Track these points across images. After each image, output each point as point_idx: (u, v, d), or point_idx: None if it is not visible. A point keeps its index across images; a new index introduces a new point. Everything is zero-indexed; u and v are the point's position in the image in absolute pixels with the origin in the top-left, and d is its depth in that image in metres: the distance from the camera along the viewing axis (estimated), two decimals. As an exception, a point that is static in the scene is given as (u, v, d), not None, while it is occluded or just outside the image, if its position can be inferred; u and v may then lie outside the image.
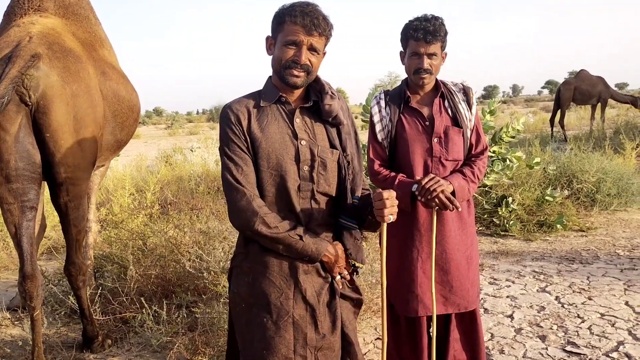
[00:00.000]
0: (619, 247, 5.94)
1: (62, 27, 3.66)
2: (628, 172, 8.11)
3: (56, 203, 3.33)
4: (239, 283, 2.02)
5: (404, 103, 2.76)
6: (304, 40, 1.92)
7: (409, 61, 2.68)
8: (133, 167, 10.27)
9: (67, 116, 3.14)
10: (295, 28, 1.91)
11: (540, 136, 14.55)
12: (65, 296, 4.21)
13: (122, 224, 5.28)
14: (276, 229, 1.89)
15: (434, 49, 2.61)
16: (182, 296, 4.09)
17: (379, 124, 2.78)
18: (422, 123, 2.72)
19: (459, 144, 2.72)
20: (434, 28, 2.57)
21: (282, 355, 1.90)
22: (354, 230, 2.04)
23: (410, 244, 2.72)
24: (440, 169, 2.70)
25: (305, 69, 1.94)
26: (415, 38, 2.59)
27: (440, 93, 2.75)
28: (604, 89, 16.85)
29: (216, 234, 4.35)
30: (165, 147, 16.98)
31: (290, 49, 1.93)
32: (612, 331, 3.85)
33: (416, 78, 2.67)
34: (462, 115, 2.72)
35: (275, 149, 1.95)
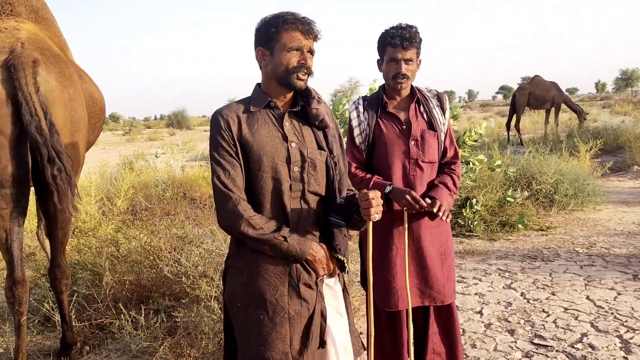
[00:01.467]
0: (578, 245, 6.21)
1: (41, 32, 3.66)
2: (583, 174, 8.48)
3: (44, 206, 3.34)
4: (234, 283, 2.08)
5: (382, 108, 2.89)
6: (305, 44, 2.02)
7: (386, 67, 2.81)
8: (96, 174, 10.10)
9: (65, 119, 3.20)
10: (295, 34, 2.01)
11: (498, 140, 14.98)
12: (40, 304, 4.16)
13: (93, 231, 5.23)
14: (261, 230, 1.96)
15: (411, 55, 2.75)
16: (159, 301, 4.10)
17: (357, 128, 2.90)
18: (400, 127, 2.85)
19: (434, 147, 2.87)
20: (410, 35, 2.72)
21: (279, 350, 1.97)
22: (343, 228, 2.13)
23: (389, 241, 2.85)
24: (417, 170, 2.84)
25: (310, 72, 2.06)
26: (393, 45, 2.73)
27: (416, 99, 2.89)
28: (557, 94, 17.49)
29: (192, 239, 4.37)
30: (125, 153, 16.73)
31: (294, 54, 2.02)
32: (575, 324, 4.06)
33: (394, 83, 2.80)
34: (436, 120, 2.87)
35: (267, 152, 2.03)
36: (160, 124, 67.00)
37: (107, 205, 6.43)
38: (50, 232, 3.48)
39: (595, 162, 10.69)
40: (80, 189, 8.15)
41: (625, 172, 11.48)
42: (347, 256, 2.13)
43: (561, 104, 17.68)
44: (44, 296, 4.37)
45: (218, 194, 2.01)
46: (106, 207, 6.38)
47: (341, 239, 2.10)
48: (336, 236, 2.10)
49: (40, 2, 3.92)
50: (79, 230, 5.98)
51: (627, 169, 11.65)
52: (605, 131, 14.71)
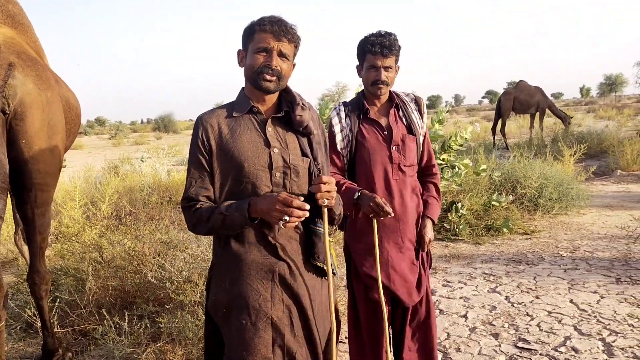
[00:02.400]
0: (562, 249, 6.26)
1: (18, 37, 3.63)
2: (567, 178, 8.56)
3: (22, 210, 3.31)
4: (217, 290, 2.07)
5: (363, 114, 2.93)
6: (274, 46, 2.01)
7: (366, 74, 2.85)
8: (80, 179, 10.02)
9: (42, 122, 3.19)
10: (265, 35, 2.01)
11: (484, 144, 15.08)
12: (21, 310, 4.11)
13: (77, 236, 5.19)
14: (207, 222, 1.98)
15: (390, 62, 2.80)
16: (143, 307, 4.07)
17: (339, 134, 2.93)
18: (381, 133, 2.90)
19: (414, 150, 2.94)
20: (390, 43, 2.76)
21: (262, 355, 1.96)
22: (322, 235, 2.12)
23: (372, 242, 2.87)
24: (399, 174, 2.89)
25: (276, 73, 2.03)
26: (373, 52, 2.77)
27: (395, 104, 2.94)
28: (542, 99, 17.67)
29: (177, 244, 4.35)
30: (111, 157, 16.62)
31: (261, 55, 2.02)
32: (559, 327, 4.08)
33: (374, 89, 2.84)
34: (415, 124, 2.94)
35: (248, 157, 2.02)
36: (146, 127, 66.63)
37: (92, 210, 6.37)
38: (29, 237, 3.45)
39: (579, 166, 10.79)
40: (64, 193, 8.13)
41: (608, 176, 11.61)
42: (327, 261, 2.11)
43: (546, 109, 17.86)
44: (25, 302, 4.32)
45: (182, 204, 2.09)
46: (90, 212, 6.32)
47: (320, 247, 2.09)
48: (315, 244, 2.09)
49: (17, 7, 3.91)
50: (62, 236, 5.92)
51: (610, 173, 11.79)
52: (589, 136, 14.88)
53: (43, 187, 3.30)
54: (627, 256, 5.80)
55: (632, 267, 5.43)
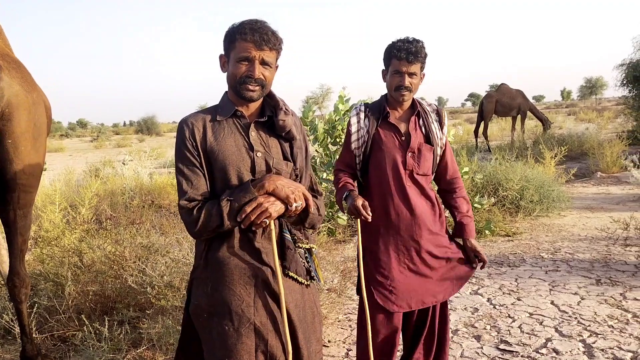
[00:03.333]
0: (543, 251, 6.32)
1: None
2: (548, 180, 8.64)
3: (4, 212, 3.30)
4: (199, 294, 2.05)
5: (383, 117, 2.96)
6: (256, 55, 1.99)
7: (390, 78, 2.88)
8: (61, 182, 9.90)
9: (29, 123, 3.21)
10: (246, 45, 1.99)
11: (466, 147, 15.19)
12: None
13: (56, 240, 5.11)
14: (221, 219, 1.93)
15: (415, 69, 2.83)
16: (124, 312, 4.02)
17: (355, 133, 2.98)
18: (399, 138, 2.93)
19: (429, 160, 2.96)
20: (416, 49, 2.79)
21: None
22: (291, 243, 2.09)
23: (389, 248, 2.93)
24: (411, 181, 2.93)
25: (259, 83, 2.02)
26: (398, 57, 2.80)
27: (417, 112, 2.97)
28: (523, 102, 17.86)
29: (158, 248, 4.30)
30: (93, 160, 16.46)
31: (243, 64, 2.01)
32: (540, 329, 4.11)
33: (397, 94, 2.87)
34: (434, 134, 2.96)
35: (232, 161, 2.01)
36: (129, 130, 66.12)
37: (72, 214, 6.29)
38: (9, 239, 3.41)
39: (560, 168, 10.92)
40: (44, 197, 8.01)
41: (589, 178, 11.75)
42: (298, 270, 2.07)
43: (527, 112, 18.06)
44: (3, 307, 4.25)
45: (180, 207, 2.01)
46: (70, 216, 6.24)
47: (291, 257, 2.07)
48: (286, 255, 2.06)
49: None
50: (41, 240, 5.83)
51: (590, 175, 11.93)
52: (570, 138, 15.08)
53: (27, 188, 3.29)
54: (607, 257, 5.87)
55: (612, 268, 5.50)
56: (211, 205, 1.95)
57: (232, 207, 1.93)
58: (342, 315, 4.54)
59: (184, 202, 1.99)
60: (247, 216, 1.91)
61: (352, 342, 3.98)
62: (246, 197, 1.93)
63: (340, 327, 4.31)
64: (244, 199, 1.93)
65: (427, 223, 2.93)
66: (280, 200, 1.96)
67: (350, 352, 3.85)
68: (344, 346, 3.97)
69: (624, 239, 6.54)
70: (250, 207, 1.91)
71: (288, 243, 2.07)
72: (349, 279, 4.66)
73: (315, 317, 2.16)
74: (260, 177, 2.00)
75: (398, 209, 2.89)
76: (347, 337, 4.11)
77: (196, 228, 1.97)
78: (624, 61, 17.12)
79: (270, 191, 1.95)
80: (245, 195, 1.93)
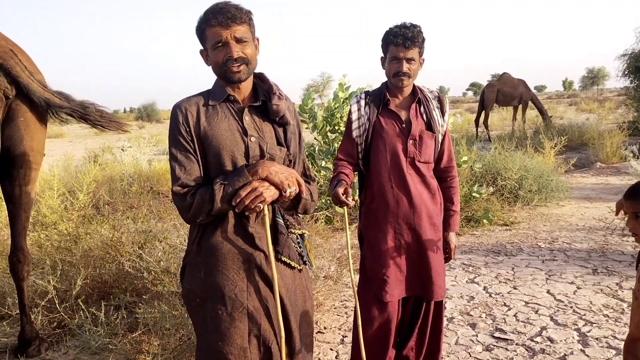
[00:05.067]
0: (540, 240, 6.33)
1: None
2: (547, 170, 8.63)
3: (10, 187, 3.39)
4: (192, 279, 2.05)
5: (383, 105, 2.93)
6: (227, 35, 1.96)
7: (389, 65, 2.85)
8: (60, 168, 9.89)
9: None
10: (214, 30, 1.97)
11: (466, 136, 15.15)
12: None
13: (54, 225, 5.12)
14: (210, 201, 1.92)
15: (412, 54, 2.79)
16: (120, 297, 4.03)
17: (356, 121, 2.96)
18: (400, 125, 2.90)
19: (431, 147, 2.94)
20: (413, 34, 2.76)
21: (237, 345, 1.95)
22: (284, 228, 2.09)
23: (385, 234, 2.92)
24: (412, 168, 2.91)
25: (241, 61, 1.99)
26: (395, 43, 2.77)
27: (417, 99, 2.94)
28: (525, 91, 17.78)
29: (155, 234, 4.31)
30: (92, 146, 16.45)
31: (220, 49, 1.99)
32: (535, 317, 4.13)
33: (396, 81, 2.84)
34: (435, 121, 2.93)
35: (226, 145, 2.00)
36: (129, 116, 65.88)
37: (70, 199, 6.29)
38: (12, 216, 3.51)
39: (560, 158, 10.90)
40: (43, 182, 8.02)
41: (588, 168, 11.75)
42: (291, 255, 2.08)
43: (528, 101, 17.98)
44: (2, 293, 4.27)
45: (173, 193, 2.00)
46: (68, 202, 6.24)
47: (283, 242, 2.07)
48: (279, 240, 2.07)
49: None
50: (39, 225, 5.84)
51: (590, 166, 11.93)
52: (570, 128, 15.04)
53: (33, 165, 3.42)
54: (604, 247, 5.88)
55: (609, 258, 5.51)
56: (204, 191, 1.95)
57: (226, 191, 1.92)
58: (338, 302, 4.55)
59: (177, 188, 1.98)
60: (241, 200, 1.91)
61: (348, 329, 4.00)
62: (240, 182, 1.92)
63: (336, 314, 4.33)
64: (238, 183, 1.92)
65: (426, 212, 2.90)
66: (274, 186, 1.96)
67: (345, 339, 3.87)
68: (340, 332, 3.99)
69: (621, 229, 6.54)
70: (245, 192, 1.91)
71: (281, 228, 2.07)
72: (345, 266, 4.67)
73: (306, 301, 2.16)
74: (254, 163, 1.99)
75: (397, 196, 2.87)
76: (342, 324, 4.13)
77: (189, 213, 1.97)
78: (626, 52, 17.02)
79: (264, 177, 1.94)
80: (240, 180, 1.93)
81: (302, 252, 2.13)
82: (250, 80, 2.10)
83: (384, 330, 2.96)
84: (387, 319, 2.94)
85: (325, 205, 7.06)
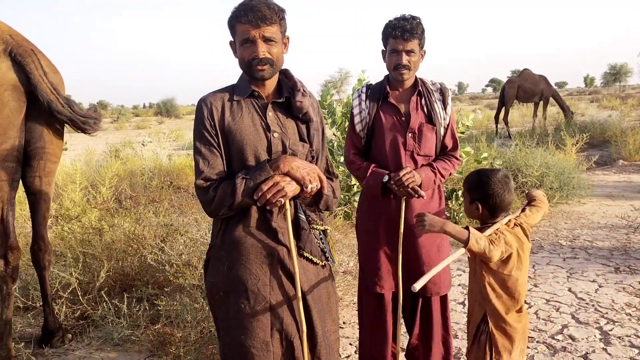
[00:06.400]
0: (562, 238, 6.27)
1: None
2: (569, 167, 8.53)
3: (30, 178, 3.47)
4: (216, 272, 2.07)
5: (383, 98, 2.91)
6: (256, 34, 1.97)
7: (389, 58, 2.83)
8: (82, 162, 10.02)
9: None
10: (244, 27, 1.98)
11: (486, 132, 15.03)
12: (21, 290, 4.12)
13: (77, 218, 5.19)
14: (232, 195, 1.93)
15: (412, 46, 2.76)
16: (142, 289, 4.08)
17: (358, 115, 2.95)
18: (399, 118, 2.88)
19: (431, 141, 2.89)
20: (411, 26, 2.73)
21: (260, 339, 1.97)
22: (306, 224, 2.10)
23: (378, 228, 2.90)
24: (412, 162, 2.87)
25: (266, 61, 2.00)
26: (394, 36, 2.75)
27: (417, 91, 2.90)
28: (546, 88, 17.55)
29: (177, 227, 4.35)
30: (113, 141, 16.61)
31: (247, 47, 2.00)
32: (557, 315, 4.09)
33: (396, 74, 2.82)
34: (436, 114, 2.89)
35: (249, 140, 2.02)
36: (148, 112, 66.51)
37: (92, 193, 6.38)
38: (33, 206, 3.60)
39: (581, 155, 10.75)
40: (65, 176, 8.14)
41: (610, 166, 11.58)
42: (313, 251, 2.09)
43: (549, 98, 17.76)
44: (26, 283, 4.34)
45: (196, 187, 2.03)
46: (91, 195, 6.32)
47: (305, 238, 2.08)
48: (301, 235, 2.08)
49: None
50: (62, 218, 5.93)
51: (612, 163, 11.76)
52: (592, 125, 14.82)
53: (53, 158, 3.51)
54: (627, 246, 5.80)
55: (631, 256, 5.43)
56: (227, 185, 1.96)
57: (248, 185, 1.93)
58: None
59: (200, 182, 2.00)
60: (263, 194, 1.92)
61: (367, 324, 4.00)
62: (262, 176, 1.94)
63: (355, 309, 4.32)
64: (259, 177, 1.93)
65: (421, 207, 2.85)
66: (295, 181, 1.97)
67: (365, 334, 3.87)
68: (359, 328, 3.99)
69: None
70: (267, 186, 1.92)
71: (303, 224, 2.08)
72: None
73: (330, 297, 2.17)
74: (275, 158, 2.00)
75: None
76: (362, 319, 4.13)
77: (211, 207, 1.99)
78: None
79: (285, 172, 1.95)
80: (261, 174, 1.94)
81: (325, 248, 2.14)
82: (275, 77, 2.11)
83: (380, 321, 2.96)
84: (381, 309, 2.94)
85: (344, 200, 7.06)
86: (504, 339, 2.35)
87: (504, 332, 2.34)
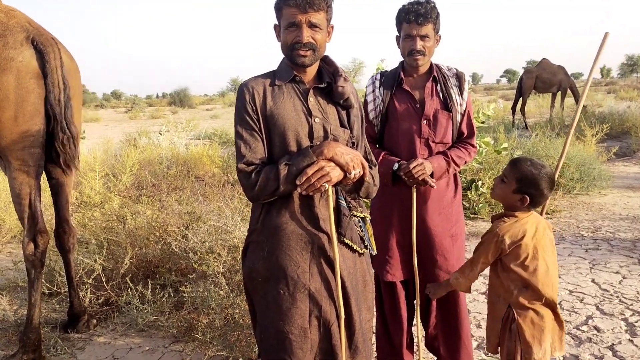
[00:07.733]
0: (583, 229, 6.21)
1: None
2: (589, 158, 8.43)
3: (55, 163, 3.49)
4: (255, 258, 2.07)
5: (397, 85, 2.85)
6: (302, 19, 1.96)
7: (403, 43, 2.76)
8: (100, 151, 10.09)
9: (80, 88, 3.63)
10: (291, 10, 1.96)
11: (503, 123, 14.91)
12: (45, 276, 4.16)
13: (99, 206, 5.23)
14: (275, 179, 1.93)
15: (426, 31, 2.69)
16: (166, 276, 4.10)
17: (371, 103, 2.90)
18: (413, 105, 2.82)
19: (447, 128, 2.83)
20: (425, 10, 2.66)
21: (298, 325, 1.97)
22: (346, 210, 2.09)
23: (391, 216, 2.87)
24: (427, 150, 2.81)
25: (309, 47, 1.99)
26: (408, 20, 2.69)
27: (432, 77, 2.84)
28: (564, 78, 17.33)
29: (200, 215, 4.36)
30: (128, 130, 16.71)
31: (291, 31, 1.99)
32: (581, 306, 4.06)
33: (410, 59, 2.75)
34: (452, 100, 2.82)
35: (291, 125, 2.01)
36: (162, 102, 66.77)
37: (112, 180, 6.42)
38: (56, 190, 3.69)
39: (601, 146, 10.63)
40: (84, 164, 8.19)
41: (630, 157, 11.44)
42: (353, 238, 2.08)
43: (567, 89, 17.53)
44: (51, 268, 4.38)
45: (239, 170, 2.02)
46: (111, 183, 6.36)
47: (346, 224, 2.07)
48: (342, 222, 2.06)
49: None
50: (84, 205, 5.97)
51: (632, 155, 11.61)
52: (611, 116, 14.63)
53: (75, 140, 3.51)
54: (650, 238, 5.74)
55: (655, 248, 5.37)
56: (269, 169, 1.95)
57: (290, 171, 1.92)
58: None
59: (242, 166, 2.00)
60: (307, 179, 1.90)
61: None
62: (305, 162, 1.92)
63: (377, 298, 4.33)
64: (302, 163, 1.92)
65: (435, 196, 2.82)
66: (339, 167, 1.95)
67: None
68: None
69: (667, 219, 6.38)
70: (312, 170, 1.90)
71: (344, 210, 2.06)
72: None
73: (367, 285, 2.16)
74: (319, 144, 1.98)
75: None
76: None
77: (253, 191, 1.98)
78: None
79: (329, 158, 1.93)
80: (305, 160, 1.93)
81: (364, 236, 2.13)
82: (316, 64, 2.10)
83: (395, 308, 2.96)
84: (395, 297, 2.94)
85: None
86: (532, 329, 2.33)
87: (531, 322, 2.33)
